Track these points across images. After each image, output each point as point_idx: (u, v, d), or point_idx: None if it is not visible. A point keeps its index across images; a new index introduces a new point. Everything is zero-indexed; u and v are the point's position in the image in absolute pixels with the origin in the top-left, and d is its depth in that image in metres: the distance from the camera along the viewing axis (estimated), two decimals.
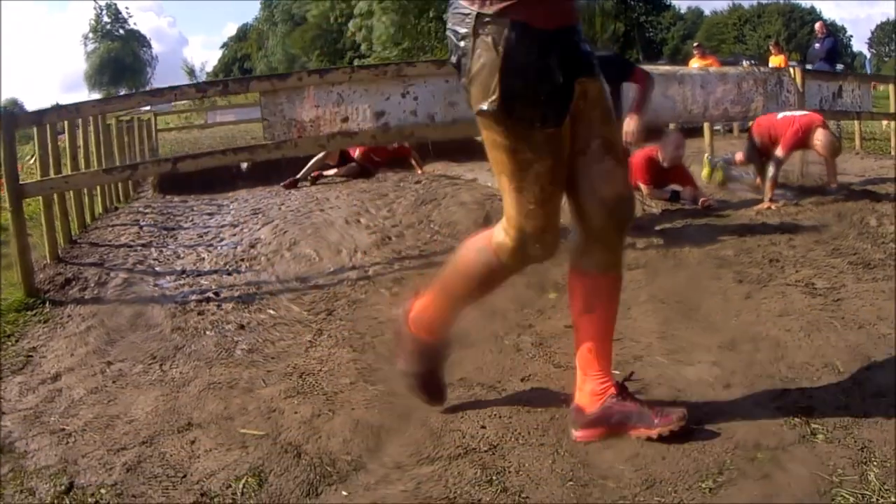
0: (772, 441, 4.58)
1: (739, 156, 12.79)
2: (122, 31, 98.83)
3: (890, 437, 4.49)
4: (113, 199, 16.47)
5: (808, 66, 21.94)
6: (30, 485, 4.88)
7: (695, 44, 29.48)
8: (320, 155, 15.98)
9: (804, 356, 5.72)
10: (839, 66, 27.12)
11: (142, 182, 19.69)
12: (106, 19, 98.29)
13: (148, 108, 34.51)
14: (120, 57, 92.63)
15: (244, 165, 18.65)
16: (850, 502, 3.93)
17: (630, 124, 9.42)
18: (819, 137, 11.37)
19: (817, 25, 27.21)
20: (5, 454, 5.30)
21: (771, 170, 11.46)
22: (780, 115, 11.99)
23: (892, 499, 3.91)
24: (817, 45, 25.11)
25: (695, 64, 22.01)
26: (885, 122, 21.58)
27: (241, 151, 10.99)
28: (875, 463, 4.25)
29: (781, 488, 4.12)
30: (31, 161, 14.69)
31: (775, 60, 24.78)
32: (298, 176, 15.90)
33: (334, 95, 9.84)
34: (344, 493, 4.44)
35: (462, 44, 4.17)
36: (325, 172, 16.44)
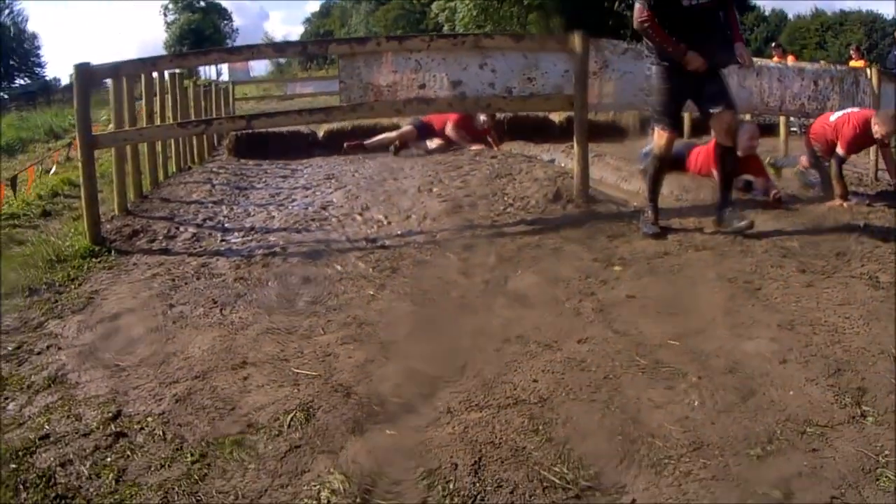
0: (822, 418, 4.58)
1: (804, 160, 12.59)
2: (202, 3, 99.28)
3: None
4: (187, 159, 16.56)
5: None
6: (77, 411, 5.03)
7: (773, 44, 29.18)
8: (395, 133, 15.97)
9: (861, 342, 5.67)
10: None
11: (217, 146, 19.83)
12: None
13: (226, 77, 34.81)
14: (200, 28, 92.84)
15: (320, 134, 18.70)
16: (895, 484, 3.92)
17: (742, 50, 9.23)
18: (876, 122, 11.16)
19: None
20: (56, 385, 5.45)
21: (834, 167, 11.26)
22: (833, 116, 11.83)
23: None
24: (895, 53, 24.80)
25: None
26: None
27: (317, 112, 11.04)
28: None
29: (827, 462, 4.13)
30: (108, 124, 14.83)
31: (855, 65, 24.47)
32: (366, 142, 15.87)
33: (412, 62, 9.86)
34: (390, 431, 4.51)
35: None
36: (379, 138, 16.28)
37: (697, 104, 8.92)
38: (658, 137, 8.85)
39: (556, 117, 20.16)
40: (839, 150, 11.15)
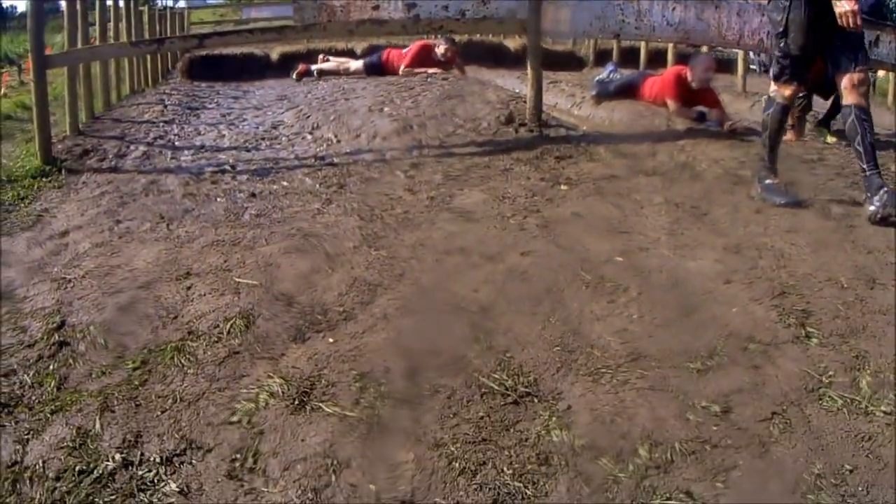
0: (765, 336, 4.61)
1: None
2: None
3: (887, 351, 4.49)
4: (141, 82, 16.46)
5: None
6: (23, 324, 5.05)
7: None
8: (348, 67, 15.79)
9: (808, 268, 5.71)
10: None
11: (171, 70, 19.72)
12: None
13: (183, 3, 34.59)
14: None
15: (274, 56, 18.65)
16: (837, 404, 3.96)
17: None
18: None
19: None
20: (4, 300, 5.45)
21: None
22: None
23: (883, 408, 3.92)
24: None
25: None
26: None
27: (269, 31, 11.03)
28: (868, 372, 4.26)
29: (769, 379, 4.16)
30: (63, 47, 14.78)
31: None
32: (318, 67, 15.75)
33: None
34: (330, 339, 4.53)
35: None
36: (324, 66, 16.14)
37: (828, 54, 7.29)
38: (783, 88, 7.40)
39: (511, 44, 20.20)
40: None
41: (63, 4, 11.86)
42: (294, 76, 15.59)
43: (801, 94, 10.91)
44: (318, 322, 4.76)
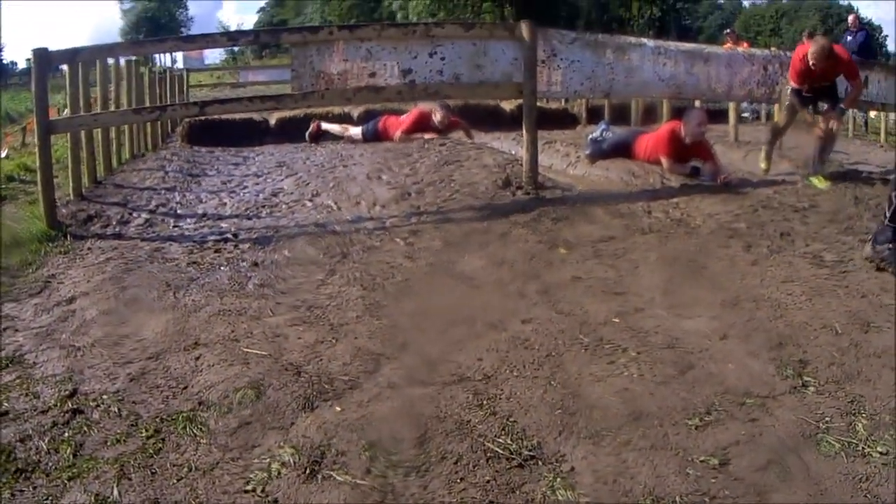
0: (762, 389, 4.75)
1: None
2: None
3: (882, 393, 4.66)
4: (141, 146, 16.56)
5: None
6: (35, 389, 5.11)
7: (727, 30, 29.00)
8: (345, 134, 15.91)
9: (804, 317, 5.85)
10: None
11: (170, 133, 19.83)
12: None
13: (181, 65, 34.81)
14: (156, 16, 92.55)
15: (272, 122, 18.78)
16: (835, 448, 4.09)
17: None
18: (810, 53, 10.97)
19: (850, 18, 26.85)
20: (14, 364, 5.52)
21: (789, 98, 11.36)
22: None
23: (880, 448, 4.05)
24: (849, 38, 24.62)
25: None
26: None
27: (269, 100, 11.10)
28: (864, 415, 4.42)
29: (767, 430, 4.29)
30: (65, 111, 14.88)
31: None
32: (325, 127, 15.89)
33: (363, 51, 9.90)
34: (338, 408, 4.62)
35: None
36: (329, 127, 16.29)
37: None
38: None
39: (507, 105, 20.37)
40: (790, 81, 11.22)
41: (64, 67, 11.96)
42: (307, 137, 15.77)
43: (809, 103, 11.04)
44: (325, 391, 4.84)
